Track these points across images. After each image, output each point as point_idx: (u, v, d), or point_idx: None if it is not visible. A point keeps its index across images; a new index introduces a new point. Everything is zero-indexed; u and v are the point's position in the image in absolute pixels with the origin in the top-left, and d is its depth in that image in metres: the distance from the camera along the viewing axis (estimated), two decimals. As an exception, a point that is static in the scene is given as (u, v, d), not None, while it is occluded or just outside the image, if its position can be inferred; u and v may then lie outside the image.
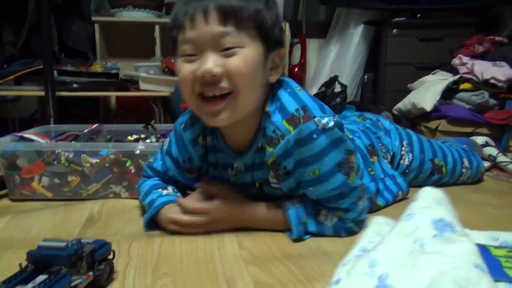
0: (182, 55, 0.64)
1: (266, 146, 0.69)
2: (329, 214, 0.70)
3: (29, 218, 0.83)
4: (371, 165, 0.89)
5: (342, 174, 0.67)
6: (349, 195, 0.70)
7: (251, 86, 0.64)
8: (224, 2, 0.60)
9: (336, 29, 2.41)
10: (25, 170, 0.93)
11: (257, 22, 0.63)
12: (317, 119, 0.65)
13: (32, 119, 2.15)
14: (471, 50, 1.73)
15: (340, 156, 0.67)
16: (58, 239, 0.52)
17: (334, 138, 0.66)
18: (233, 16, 0.61)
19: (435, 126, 1.63)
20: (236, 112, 0.65)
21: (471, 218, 0.83)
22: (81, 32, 1.83)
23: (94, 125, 1.20)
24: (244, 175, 0.76)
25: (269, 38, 0.65)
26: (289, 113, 0.66)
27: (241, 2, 0.61)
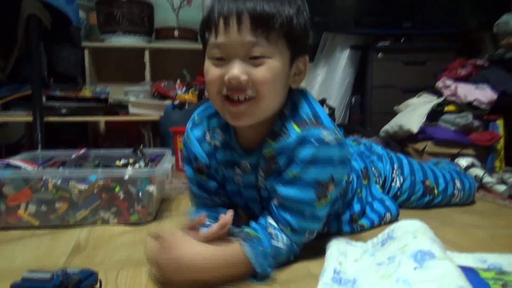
0: (211, 57, 0.65)
1: (268, 140, 0.70)
2: (278, 234, 0.68)
3: (14, 247, 0.81)
4: (361, 186, 0.91)
5: (315, 194, 0.67)
6: (307, 220, 0.68)
7: (274, 94, 0.66)
8: (257, 8, 0.61)
9: (323, 53, 2.46)
10: (11, 198, 0.91)
11: (287, 30, 0.63)
12: (325, 129, 0.66)
13: (19, 144, 2.12)
14: (454, 73, 1.79)
15: (323, 177, 0.67)
16: (43, 270, 0.52)
17: (328, 157, 0.66)
18: (265, 26, 0.61)
19: (422, 147, 1.65)
20: (257, 115, 0.67)
21: (459, 240, 0.83)
22: (71, 57, 1.84)
23: (81, 150, 1.19)
24: (249, 176, 0.76)
25: (297, 46, 0.66)
26: (301, 118, 0.69)
27: (274, 8, 0.62)
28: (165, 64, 2.38)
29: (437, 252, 0.59)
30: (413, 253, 0.59)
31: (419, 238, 0.64)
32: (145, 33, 2.27)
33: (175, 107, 1.94)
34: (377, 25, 2.24)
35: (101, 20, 2.21)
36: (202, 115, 0.79)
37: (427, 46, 2.17)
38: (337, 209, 0.84)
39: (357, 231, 0.87)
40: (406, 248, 0.62)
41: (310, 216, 0.69)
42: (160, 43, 2.31)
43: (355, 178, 0.90)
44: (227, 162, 0.78)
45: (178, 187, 1.37)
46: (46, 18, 1.59)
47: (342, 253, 0.71)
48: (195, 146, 0.78)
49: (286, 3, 0.63)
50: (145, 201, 0.95)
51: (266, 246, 0.65)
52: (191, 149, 0.78)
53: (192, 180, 0.81)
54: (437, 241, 0.65)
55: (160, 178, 1.05)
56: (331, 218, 0.84)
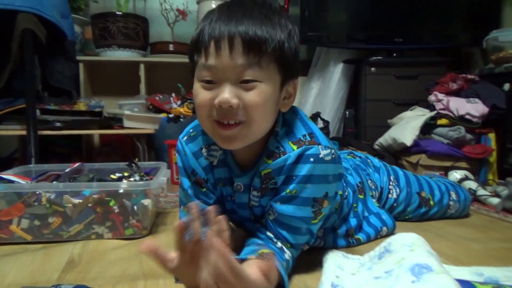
0: (201, 80, 0.64)
1: (265, 158, 0.69)
2: (284, 248, 0.69)
3: (6, 262, 0.79)
4: (357, 201, 0.91)
5: (312, 211, 0.68)
6: (302, 235, 0.70)
7: (264, 117, 0.66)
8: (249, 32, 0.60)
9: (317, 67, 2.49)
10: (4, 212, 0.90)
11: (279, 55, 0.63)
12: (321, 146, 0.67)
13: (12, 158, 2.10)
14: (445, 87, 1.81)
15: (319, 194, 0.68)
16: (37, 287, 0.51)
17: (324, 173, 0.67)
18: (257, 50, 0.61)
19: (416, 160, 1.66)
20: (248, 139, 0.67)
21: (455, 253, 0.83)
22: (65, 71, 1.84)
23: (75, 164, 1.18)
24: (242, 195, 0.75)
25: (288, 70, 0.66)
26: (296, 138, 0.69)
27: (265, 33, 0.61)
28: (160, 78, 2.39)
29: (434, 265, 0.59)
30: (410, 267, 0.59)
31: (416, 251, 0.64)
32: (140, 47, 2.28)
33: (170, 120, 1.94)
34: (370, 40, 2.27)
35: (96, 34, 2.22)
36: (197, 129, 0.78)
37: (418, 61, 2.21)
38: (333, 224, 0.84)
39: (353, 245, 0.87)
40: (403, 261, 0.62)
41: (305, 232, 0.70)
42: (155, 57, 2.33)
43: (351, 193, 0.90)
44: (225, 180, 0.77)
45: (173, 201, 1.36)
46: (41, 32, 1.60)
47: (339, 267, 0.71)
48: (192, 160, 0.76)
49: (277, 28, 0.63)
50: (140, 214, 0.94)
51: (284, 260, 0.66)
52: (189, 163, 0.77)
53: (189, 193, 0.77)
54: (433, 254, 0.65)
55: (155, 191, 1.05)
56: (327, 232, 0.84)
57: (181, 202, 0.81)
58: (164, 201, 1.35)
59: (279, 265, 0.62)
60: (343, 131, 2.40)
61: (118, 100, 2.16)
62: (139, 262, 0.79)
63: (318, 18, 2.33)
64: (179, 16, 2.39)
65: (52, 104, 1.73)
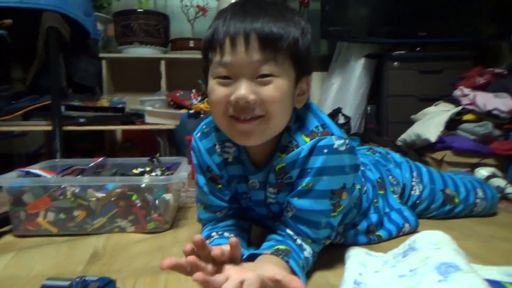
0: (216, 76, 0.64)
1: (278, 153, 0.69)
2: (303, 245, 0.68)
3: (33, 254, 0.82)
4: (377, 196, 0.89)
5: (330, 204, 0.67)
6: (323, 229, 0.69)
7: (282, 112, 0.65)
8: (265, 29, 0.60)
9: (337, 63, 2.46)
10: (31, 205, 0.92)
11: (293, 51, 0.63)
12: (335, 136, 0.66)
13: (38, 153, 2.16)
14: (471, 82, 1.76)
15: (337, 186, 0.67)
16: (62, 278, 0.52)
17: (339, 164, 0.66)
18: (273, 46, 0.61)
19: (441, 157, 1.62)
20: (266, 134, 0.66)
21: (483, 252, 0.81)
22: (89, 68, 1.87)
23: (99, 159, 1.20)
24: (257, 192, 0.75)
25: (302, 66, 0.66)
26: (309, 130, 0.68)
27: (281, 29, 0.61)
28: (180, 74, 2.41)
29: (462, 264, 0.57)
30: (437, 265, 0.58)
31: (442, 250, 0.63)
32: (161, 44, 2.30)
33: (191, 116, 1.95)
34: (392, 35, 2.22)
35: (118, 32, 2.26)
36: (210, 126, 0.77)
37: (443, 55, 2.15)
38: (353, 220, 0.83)
39: (373, 242, 0.85)
40: (428, 260, 0.61)
41: (326, 225, 0.69)
42: (176, 54, 2.34)
43: (370, 188, 0.88)
44: (239, 177, 0.76)
45: (194, 196, 1.36)
46: (65, 30, 1.63)
47: (362, 264, 0.69)
48: (206, 156, 0.76)
49: (291, 25, 0.63)
50: (161, 209, 0.95)
51: (302, 259, 0.65)
52: (203, 159, 0.76)
53: (205, 190, 0.77)
54: (461, 252, 0.63)
55: (177, 186, 1.06)
56: (347, 228, 0.82)
57: (198, 200, 0.81)
58: (185, 196, 1.36)
59: (293, 263, 0.62)
60: (364, 127, 2.36)
61: (139, 96, 2.19)
62: (161, 256, 0.80)
63: (338, 12, 2.29)
64: (199, 12, 2.40)
65: (76, 100, 1.77)
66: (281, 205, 0.73)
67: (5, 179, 0.93)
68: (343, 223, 0.81)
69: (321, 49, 2.66)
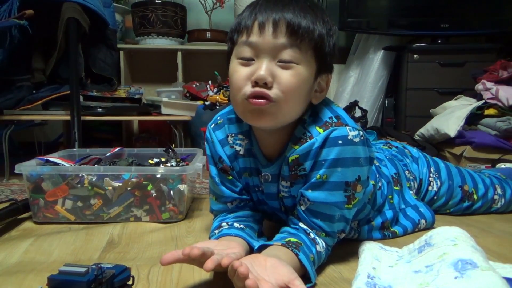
0: (239, 57, 0.65)
1: (292, 145, 0.69)
2: (317, 239, 0.67)
3: (51, 241, 0.84)
4: (393, 192, 0.88)
5: (345, 196, 0.67)
6: (337, 222, 0.68)
7: (297, 100, 0.65)
8: (294, 19, 0.62)
9: (355, 55, 2.42)
10: (50, 193, 0.94)
11: (317, 45, 0.64)
12: (349, 127, 0.66)
13: (57, 142, 2.21)
14: (495, 75, 1.71)
15: (351, 178, 0.66)
16: (79, 264, 0.53)
17: (354, 155, 0.65)
18: (300, 34, 0.62)
19: (460, 152, 1.59)
20: (279, 119, 0.65)
21: (502, 249, 0.79)
22: (107, 59, 1.89)
23: (115, 148, 1.22)
24: (270, 185, 0.75)
25: (323, 62, 0.67)
26: (323, 121, 0.68)
27: (309, 23, 0.63)
28: (197, 66, 2.41)
29: (479, 261, 0.56)
30: (453, 262, 0.57)
31: (459, 246, 0.61)
32: (178, 35, 2.30)
33: (206, 107, 1.95)
34: (413, 26, 2.17)
35: (136, 23, 2.27)
36: (224, 117, 0.78)
37: (465, 47, 2.09)
38: (367, 216, 0.82)
39: (388, 238, 0.84)
40: (445, 256, 0.60)
41: (340, 218, 0.68)
42: (193, 45, 2.35)
43: (385, 184, 0.87)
44: (251, 170, 0.76)
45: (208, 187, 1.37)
46: (84, 21, 1.65)
47: (376, 258, 0.68)
48: (218, 147, 0.76)
49: (320, 21, 0.64)
50: (176, 199, 0.96)
51: (314, 253, 0.65)
52: (216, 150, 0.77)
53: (216, 180, 0.77)
54: (479, 249, 0.61)
55: (191, 177, 1.06)
56: (361, 224, 0.81)
57: (210, 191, 0.81)
58: (200, 187, 1.37)
59: (303, 257, 0.62)
60: (381, 120, 2.33)
61: (156, 87, 2.20)
62: (174, 245, 0.81)
63: (358, 3, 2.25)
64: (216, 3, 2.39)
65: (95, 91, 1.80)
66: (294, 199, 0.72)
67: (25, 166, 0.95)
68: (357, 219, 0.80)
69: (339, 41, 2.62)
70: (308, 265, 0.62)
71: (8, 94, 1.63)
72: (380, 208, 0.85)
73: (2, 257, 0.74)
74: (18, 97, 1.63)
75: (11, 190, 1.33)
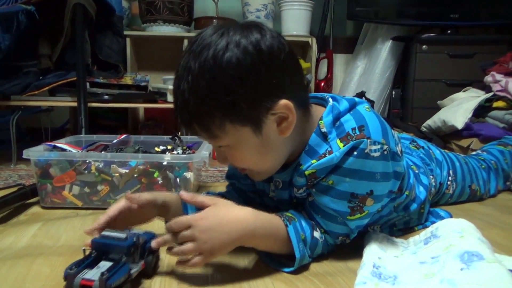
0: None
1: (307, 157, 0.65)
2: (317, 227, 0.67)
3: (59, 225, 0.85)
4: (426, 202, 0.83)
5: (348, 206, 0.63)
6: (337, 224, 0.66)
7: (262, 161, 0.64)
8: (192, 121, 0.59)
9: (363, 45, 2.39)
10: (57, 178, 0.95)
11: (226, 118, 0.58)
12: (370, 140, 0.61)
13: (64, 128, 2.22)
14: (504, 67, 1.69)
15: (360, 191, 0.63)
16: (118, 230, 0.58)
17: (368, 169, 0.62)
18: (205, 130, 0.59)
19: (467, 144, 1.57)
20: (266, 174, 0.68)
21: (508, 242, 0.79)
22: (113, 46, 1.89)
23: (122, 135, 1.22)
24: (282, 192, 0.73)
25: (248, 118, 0.58)
26: (345, 132, 0.62)
27: (198, 113, 0.58)
28: (203, 54, 2.40)
29: (485, 253, 0.56)
30: (460, 254, 0.57)
31: (466, 238, 0.61)
32: (184, 22, 2.28)
33: (212, 96, 1.94)
34: (422, 16, 2.14)
35: (143, 9, 2.25)
36: None
37: (475, 39, 2.06)
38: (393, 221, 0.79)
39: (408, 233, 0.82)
40: (451, 248, 0.60)
41: (341, 223, 0.66)
42: (199, 33, 2.33)
43: (425, 193, 0.82)
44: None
45: (214, 175, 1.38)
46: (91, 7, 1.64)
47: (381, 249, 0.69)
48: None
49: (214, 94, 0.56)
50: (182, 187, 0.97)
51: (307, 234, 0.64)
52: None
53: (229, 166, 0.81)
54: (485, 241, 0.61)
55: (198, 165, 1.07)
56: (384, 227, 0.79)
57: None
58: (206, 175, 1.37)
59: (291, 229, 0.62)
60: (388, 111, 2.31)
61: (162, 75, 2.20)
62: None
63: (366, -8, 2.22)
64: (223, -9, 2.37)
65: (101, 77, 1.80)
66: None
67: (33, 152, 0.96)
68: (379, 223, 0.77)
69: (347, 30, 2.59)
70: (293, 237, 0.61)
71: (15, 80, 1.63)
72: (412, 216, 0.81)
73: (11, 241, 0.75)
74: (25, 83, 1.63)
75: (19, 175, 1.34)
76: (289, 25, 2.25)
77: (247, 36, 0.57)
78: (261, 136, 0.60)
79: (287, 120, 0.61)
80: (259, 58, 0.56)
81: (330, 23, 2.42)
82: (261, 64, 0.56)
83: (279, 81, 0.59)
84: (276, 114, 0.60)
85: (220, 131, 0.59)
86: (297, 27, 2.24)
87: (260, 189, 0.78)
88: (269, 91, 0.59)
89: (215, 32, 0.57)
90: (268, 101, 0.58)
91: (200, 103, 0.57)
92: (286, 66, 0.60)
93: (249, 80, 0.56)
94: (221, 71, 0.55)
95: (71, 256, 0.67)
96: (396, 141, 0.67)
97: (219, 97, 0.56)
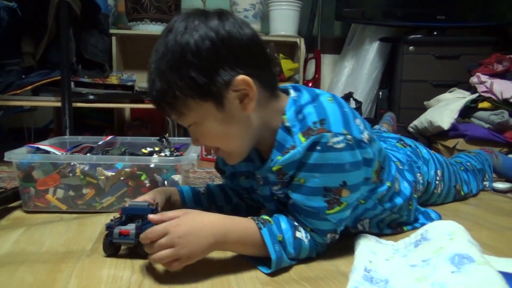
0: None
1: (275, 151, 0.67)
2: (301, 228, 0.66)
3: (43, 230, 0.82)
4: (412, 199, 0.84)
5: (324, 201, 0.64)
6: (321, 221, 0.66)
7: (228, 139, 0.67)
8: (157, 99, 0.64)
9: (351, 45, 2.41)
10: (41, 182, 0.92)
11: (187, 94, 0.62)
12: (331, 134, 0.62)
13: (47, 129, 2.17)
14: (489, 68, 1.71)
15: (332, 184, 0.63)
16: (141, 201, 0.71)
17: (335, 161, 0.62)
18: (172, 108, 0.64)
19: (453, 144, 1.59)
20: (239, 155, 0.70)
21: (497, 243, 0.79)
22: (99, 44, 1.85)
23: (108, 137, 1.20)
24: (263, 188, 0.74)
25: (208, 92, 0.61)
26: (306, 126, 0.64)
27: (162, 91, 0.62)
28: (190, 53, 2.37)
29: (476, 256, 0.56)
30: (450, 256, 0.57)
31: (456, 240, 0.61)
32: (171, 21, 2.26)
33: (200, 96, 1.93)
34: (409, 17, 2.16)
35: (129, 7, 2.22)
36: None
37: (461, 40, 2.09)
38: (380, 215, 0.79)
39: (399, 233, 0.82)
40: (442, 250, 0.60)
41: (323, 219, 0.66)
42: (186, 32, 2.30)
43: (410, 188, 0.82)
44: (248, 173, 0.77)
45: (202, 177, 1.36)
46: (76, 4, 1.60)
47: (372, 252, 0.68)
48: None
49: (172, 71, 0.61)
50: (170, 190, 0.95)
51: (288, 235, 0.64)
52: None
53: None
54: (475, 244, 0.61)
55: (186, 167, 1.05)
56: (372, 223, 0.79)
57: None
58: (194, 177, 1.35)
59: (265, 232, 0.63)
60: (375, 112, 2.33)
61: (149, 74, 2.17)
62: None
63: (354, -7, 2.23)
64: (211, -11, 2.35)
65: (86, 77, 1.76)
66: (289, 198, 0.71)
67: (15, 154, 0.93)
68: (367, 217, 0.77)
69: (335, 31, 2.60)
70: (268, 240, 0.62)
71: (-4, 79, 1.59)
72: (401, 212, 0.81)
73: (-8, 247, 0.72)
74: (7, 82, 1.59)
75: (0, 178, 1.31)
76: (277, 25, 2.24)
77: (206, 21, 0.62)
78: (224, 111, 0.63)
79: (248, 96, 0.63)
80: (217, 37, 0.60)
81: (318, 23, 2.43)
82: (218, 42, 0.60)
83: (237, 57, 0.62)
84: (238, 91, 0.63)
85: (184, 107, 0.63)
86: (285, 27, 2.23)
87: (247, 186, 0.80)
88: (225, 65, 0.61)
89: (180, 18, 0.63)
90: (225, 74, 0.61)
91: (163, 81, 0.62)
92: (247, 48, 0.63)
93: (206, 55, 0.60)
94: (180, 49, 0.60)
95: (55, 263, 0.65)
96: (361, 129, 0.66)
97: (179, 73, 0.61)
